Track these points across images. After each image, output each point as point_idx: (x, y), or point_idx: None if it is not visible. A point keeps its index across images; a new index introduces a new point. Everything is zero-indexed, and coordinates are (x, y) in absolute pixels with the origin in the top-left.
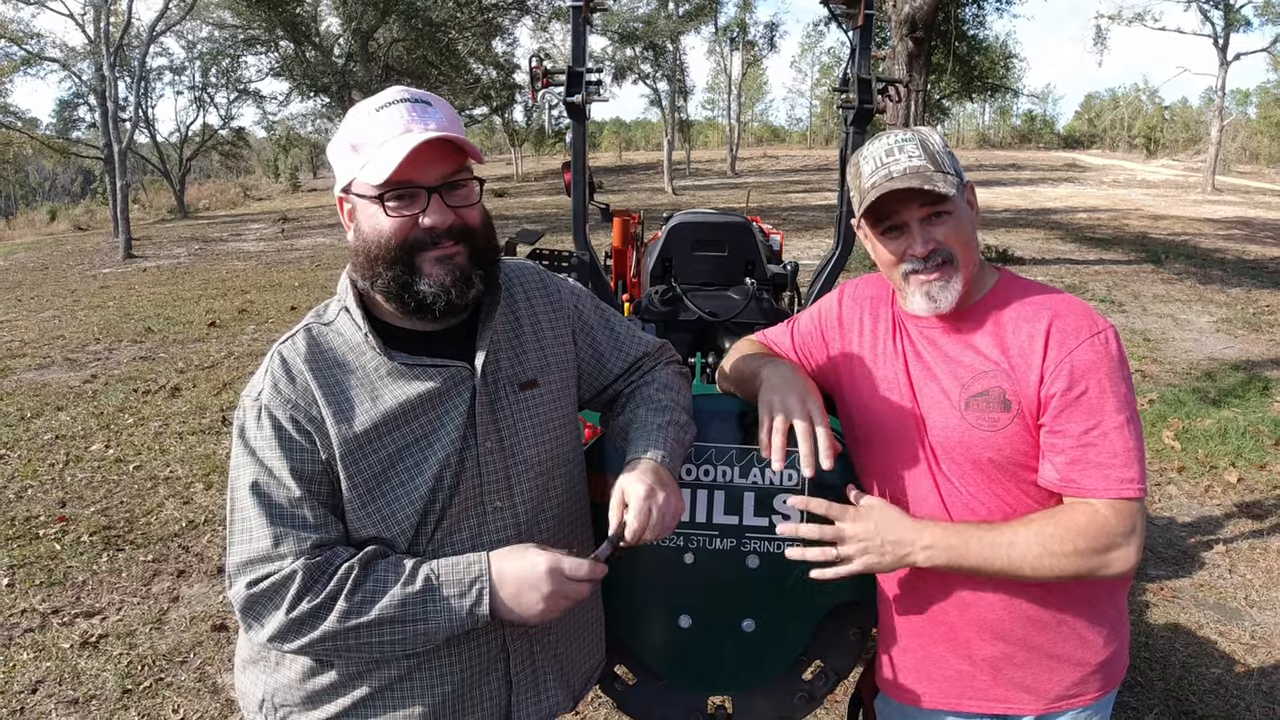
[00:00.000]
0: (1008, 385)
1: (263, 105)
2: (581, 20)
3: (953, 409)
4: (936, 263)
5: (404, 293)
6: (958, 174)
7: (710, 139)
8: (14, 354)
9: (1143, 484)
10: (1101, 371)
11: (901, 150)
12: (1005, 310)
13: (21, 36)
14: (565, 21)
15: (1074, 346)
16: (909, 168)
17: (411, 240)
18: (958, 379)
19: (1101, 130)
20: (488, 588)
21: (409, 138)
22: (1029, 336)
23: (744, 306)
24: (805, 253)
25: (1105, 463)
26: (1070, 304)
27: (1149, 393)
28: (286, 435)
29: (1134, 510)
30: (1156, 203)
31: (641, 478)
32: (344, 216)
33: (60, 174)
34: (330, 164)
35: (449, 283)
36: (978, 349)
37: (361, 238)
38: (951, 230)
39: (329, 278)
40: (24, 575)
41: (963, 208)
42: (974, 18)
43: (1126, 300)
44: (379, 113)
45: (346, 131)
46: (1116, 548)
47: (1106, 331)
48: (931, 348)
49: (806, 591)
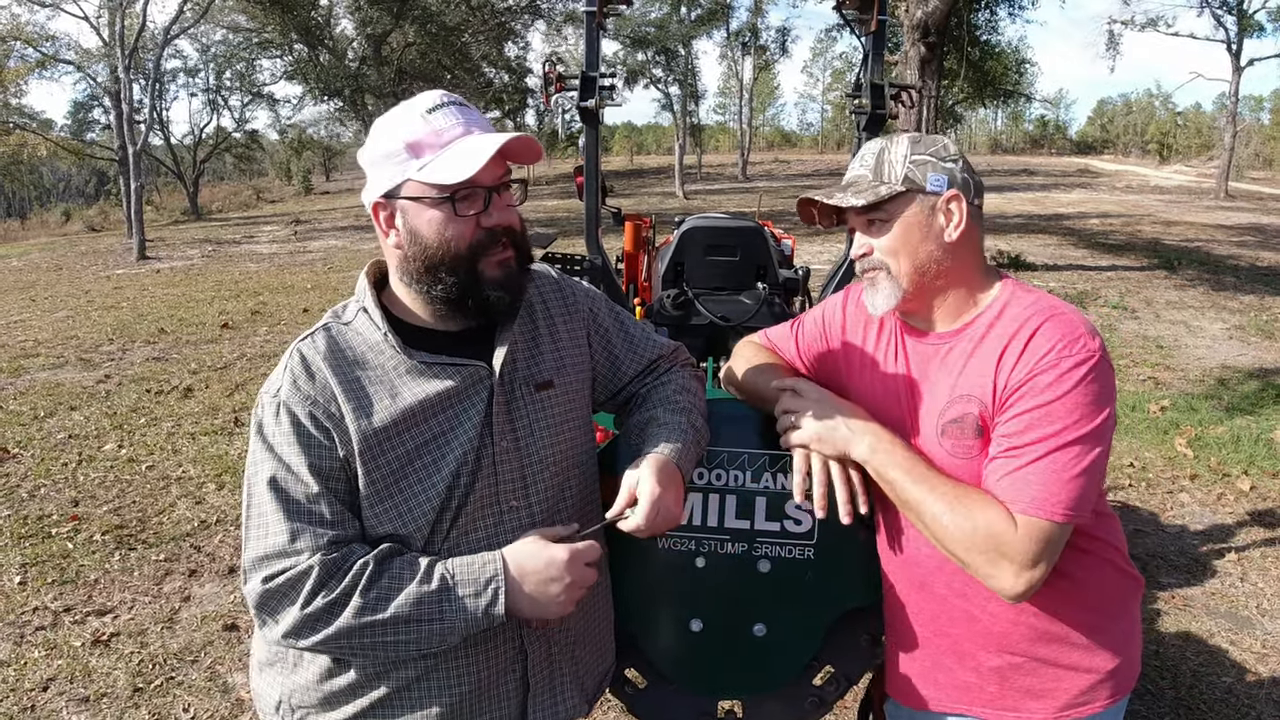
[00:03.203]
0: (982, 411)
1: (276, 108)
2: (595, 25)
3: (932, 433)
4: (866, 266)
5: (467, 297)
6: (917, 182)
7: (721, 143)
8: (28, 353)
9: (1068, 511)
10: (1064, 390)
11: (862, 158)
12: (994, 328)
13: (37, 38)
14: (578, 25)
15: (1042, 362)
16: (850, 177)
17: (475, 243)
18: (936, 403)
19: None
20: (503, 587)
21: (486, 139)
22: (1005, 353)
23: (755, 311)
24: (816, 257)
25: (1029, 477)
26: (1059, 321)
27: (1161, 400)
28: (305, 431)
29: (1043, 534)
30: (1169, 209)
31: (648, 468)
32: (380, 223)
33: (74, 175)
34: (365, 169)
35: (508, 285)
36: (959, 371)
37: (420, 243)
38: (886, 238)
39: (341, 280)
40: (36, 573)
41: (913, 217)
42: (987, 23)
43: (1139, 307)
44: (431, 114)
45: (397, 133)
46: (1006, 562)
47: (1085, 354)
48: (920, 366)
49: (818, 596)
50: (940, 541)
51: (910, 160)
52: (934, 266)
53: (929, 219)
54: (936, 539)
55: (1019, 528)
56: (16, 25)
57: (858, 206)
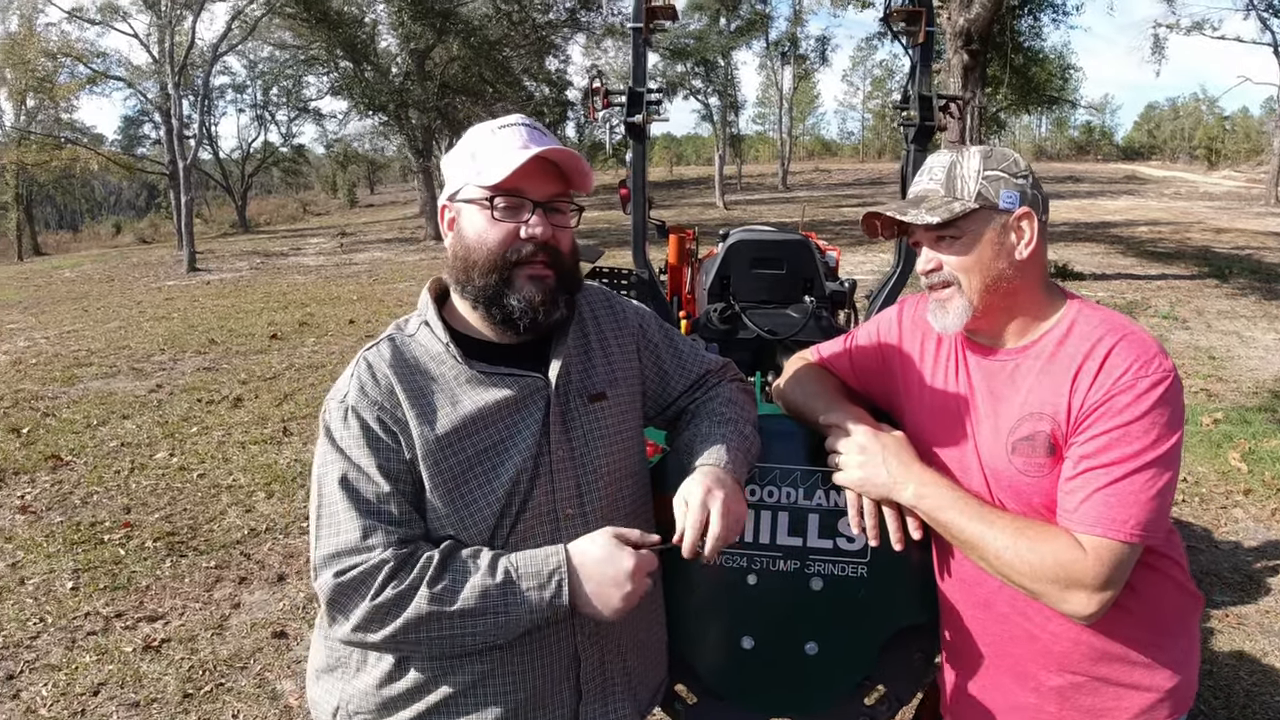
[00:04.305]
0: (1054, 429)
1: (322, 123)
2: (642, 41)
3: (1001, 450)
4: (934, 282)
5: (492, 304)
6: (990, 199)
7: (761, 153)
8: (81, 363)
9: (1142, 532)
10: (1141, 411)
11: (931, 172)
12: (1064, 346)
13: (88, 55)
14: (618, 38)
15: (1119, 382)
16: (918, 191)
17: (512, 252)
18: (1005, 420)
19: (1161, 141)
20: (566, 579)
21: (528, 151)
22: (1081, 373)
23: (803, 325)
24: (859, 267)
25: (1109, 498)
26: (1133, 341)
27: (1214, 412)
28: (373, 434)
29: (1116, 556)
30: (1219, 215)
31: (703, 481)
32: (444, 225)
33: (125, 189)
34: (444, 176)
35: (538, 301)
36: (1028, 389)
37: (463, 242)
38: (956, 254)
39: (385, 291)
40: (89, 579)
41: (986, 234)
42: (1030, 29)
43: (1190, 317)
44: (500, 130)
45: (466, 143)
46: (1078, 588)
47: (1161, 374)
48: (985, 383)
49: (871, 614)
50: (1006, 576)
51: (983, 176)
52: (1004, 284)
53: (1001, 236)
54: (1001, 573)
55: (1089, 551)
56: (67, 42)
57: (932, 224)
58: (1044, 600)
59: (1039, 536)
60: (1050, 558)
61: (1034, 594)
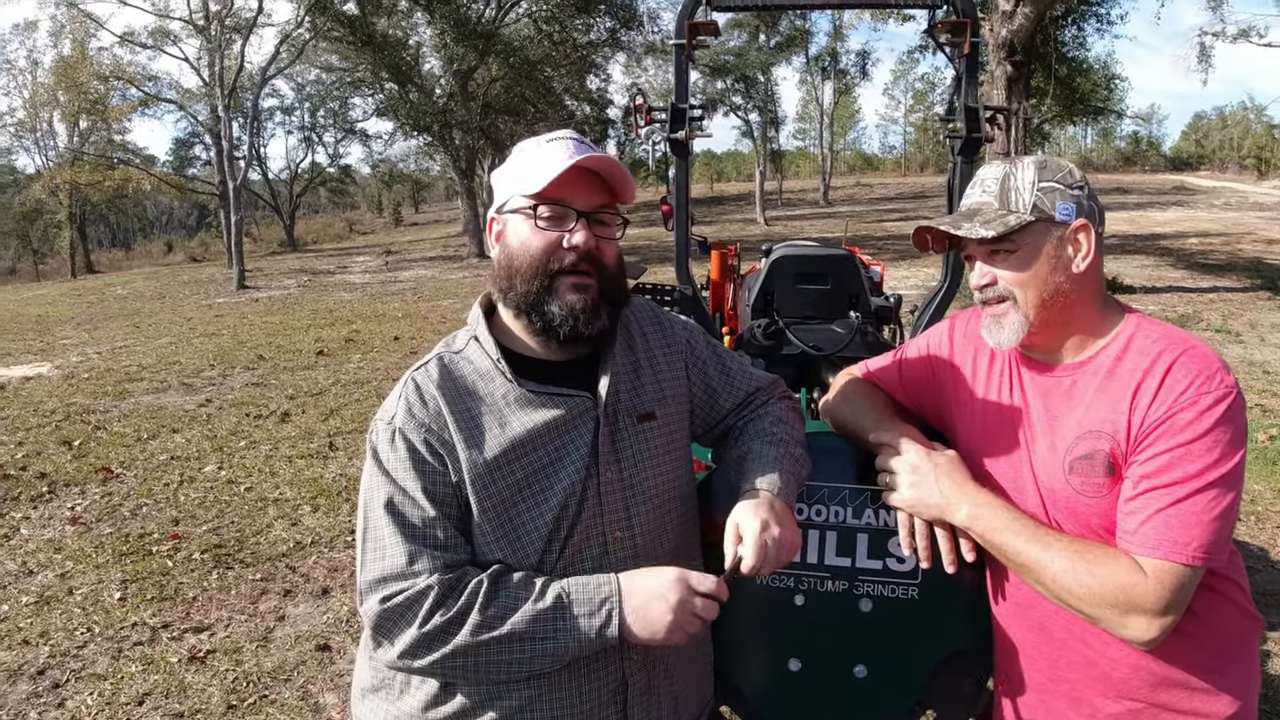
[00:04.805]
0: (1113, 448)
1: (368, 144)
2: (685, 58)
3: (1058, 469)
4: (988, 297)
5: (533, 310)
6: (1046, 211)
7: (802, 168)
8: (132, 378)
9: (1205, 554)
10: (1204, 429)
11: (984, 184)
12: (1123, 361)
13: (139, 78)
14: (658, 56)
15: (1181, 398)
16: (971, 204)
17: (554, 260)
18: (1062, 439)
19: (1210, 151)
20: (617, 608)
21: (571, 160)
22: (1141, 390)
23: (849, 341)
24: (903, 282)
25: (1171, 520)
26: (1194, 356)
27: (1269, 428)
28: (420, 457)
29: (1178, 579)
30: (1270, 226)
31: (756, 510)
32: (491, 237)
33: (176, 208)
34: (493, 191)
35: (579, 309)
36: (1086, 406)
37: (507, 251)
38: (1012, 268)
39: (430, 309)
40: (136, 590)
41: (1042, 247)
42: (1074, 39)
43: (1243, 330)
44: (548, 144)
45: (515, 156)
46: (1139, 613)
47: (1224, 390)
48: (1040, 400)
49: (921, 637)
50: (1063, 600)
51: (1039, 188)
52: (1061, 299)
53: (1058, 249)
54: (1058, 597)
55: (1150, 574)
56: (119, 66)
57: (987, 238)
58: (1103, 625)
59: (1098, 559)
60: (1110, 581)
61: (1092, 619)
